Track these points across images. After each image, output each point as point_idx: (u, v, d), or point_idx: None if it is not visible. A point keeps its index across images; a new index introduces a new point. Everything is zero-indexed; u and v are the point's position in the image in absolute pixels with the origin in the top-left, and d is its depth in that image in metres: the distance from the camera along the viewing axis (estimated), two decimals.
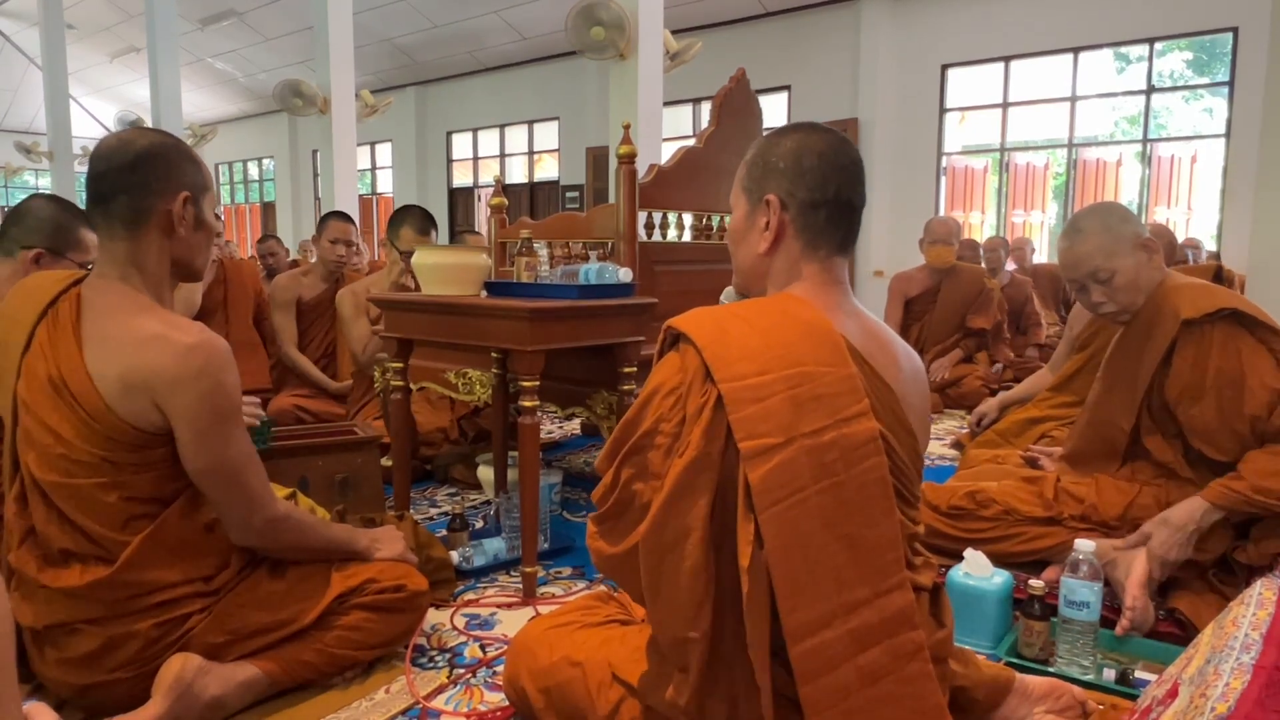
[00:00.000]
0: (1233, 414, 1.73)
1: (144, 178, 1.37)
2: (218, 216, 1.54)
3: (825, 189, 1.17)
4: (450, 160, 12.89)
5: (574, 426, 3.95)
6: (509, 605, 1.95)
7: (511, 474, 2.29)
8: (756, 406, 1.01)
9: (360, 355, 3.19)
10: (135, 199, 1.37)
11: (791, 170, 1.18)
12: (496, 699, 1.52)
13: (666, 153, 4.35)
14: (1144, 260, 1.86)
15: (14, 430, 1.41)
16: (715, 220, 3.17)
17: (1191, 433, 1.80)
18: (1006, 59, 8.02)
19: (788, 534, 0.99)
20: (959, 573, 1.74)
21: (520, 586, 2.02)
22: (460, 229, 12.24)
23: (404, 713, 1.49)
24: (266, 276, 5.05)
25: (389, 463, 2.57)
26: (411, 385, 2.45)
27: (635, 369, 2.21)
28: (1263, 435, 1.72)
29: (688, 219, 3.05)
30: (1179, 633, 1.71)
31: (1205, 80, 7.57)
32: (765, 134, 1.26)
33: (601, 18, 4.80)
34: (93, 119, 15.99)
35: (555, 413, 2.59)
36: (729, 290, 1.40)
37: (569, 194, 11.16)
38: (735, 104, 3.14)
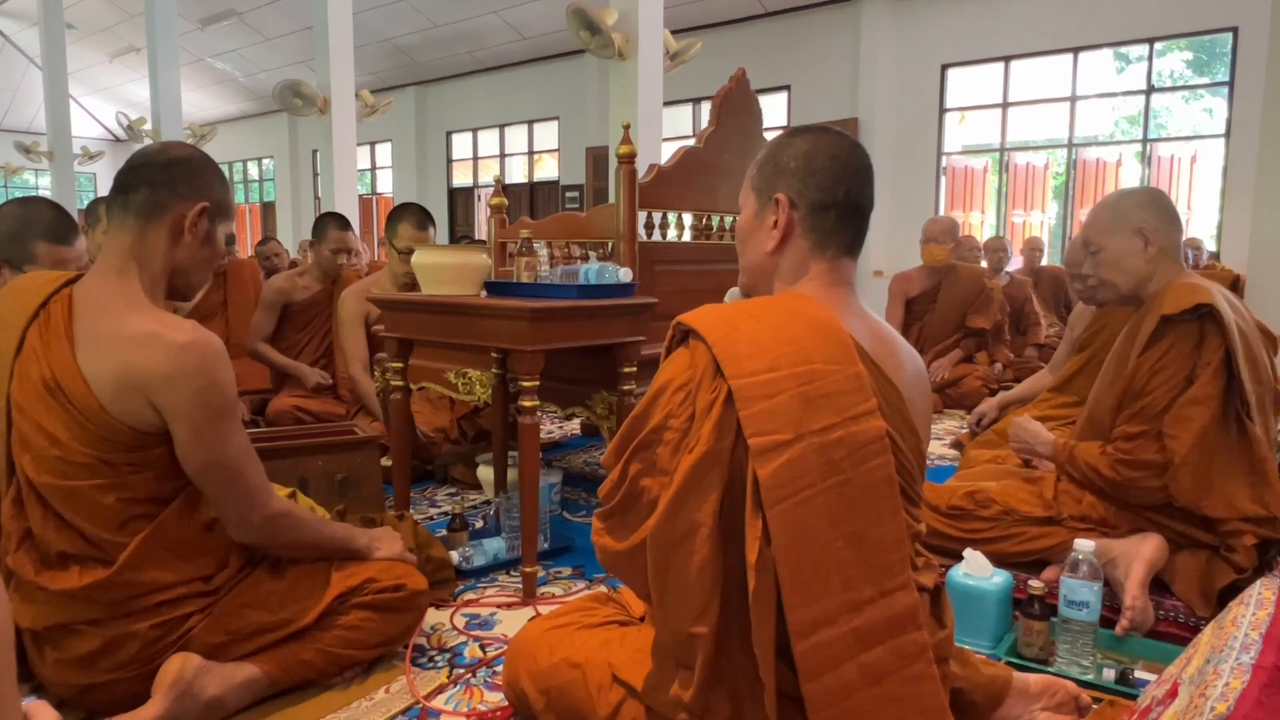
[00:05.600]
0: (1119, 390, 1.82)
1: (171, 177, 1.41)
2: (231, 239, 1.56)
3: (835, 190, 1.18)
4: (450, 160, 12.88)
5: (574, 426, 3.96)
6: (509, 605, 1.95)
7: (511, 474, 2.29)
8: (766, 403, 1.02)
9: (349, 366, 3.18)
10: (157, 193, 1.41)
11: (803, 170, 1.18)
12: (496, 699, 1.52)
13: (666, 153, 4.35)
14: (1137, 246, 1.85)
15: (8, 434, 1.41)
16: (715, 220, 3.17)
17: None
18: (1006, 59, 8.02)
19: (795, 531, 0.99)
20: (959, 573, 1.74)
21: (520, 586, 2.02)
22: (460, 232, 12.23)
23: (404, 713, 1.49)
24: (266, 278, 5.04)
25: (389, 463, 2.57)
26: (411, 385, 2.45)
27: (635, 369, 2.21)
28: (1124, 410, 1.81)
29: (688, 219, 3.05)
30: (1179, 633, 1.71)
31: (1205, 80, 7.57)
32: (777, 135, 1.26)
33: (591, 22, 4.80)
34: (93, 119, 16.00)
35: (555, 413, 2.59)
36: (734, 290, 1.40)
37: (569, 194, 11.16)
38: (735, 104, 3.13)
